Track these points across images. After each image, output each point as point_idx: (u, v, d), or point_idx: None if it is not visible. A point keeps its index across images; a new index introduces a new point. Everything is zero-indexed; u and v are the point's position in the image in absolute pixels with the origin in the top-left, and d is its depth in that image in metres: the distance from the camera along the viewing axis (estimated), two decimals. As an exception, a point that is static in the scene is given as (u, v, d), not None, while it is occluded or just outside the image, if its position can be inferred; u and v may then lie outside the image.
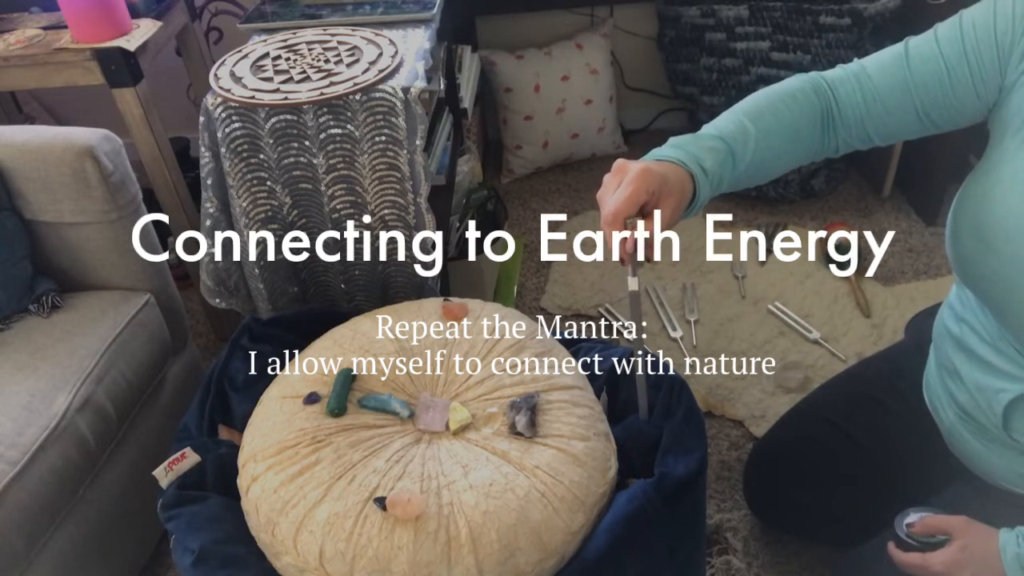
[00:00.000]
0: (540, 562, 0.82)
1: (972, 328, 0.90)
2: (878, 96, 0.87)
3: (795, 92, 0.90)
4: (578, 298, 1.88)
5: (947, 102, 0.84)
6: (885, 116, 0.87)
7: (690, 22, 2.04)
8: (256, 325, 1.15)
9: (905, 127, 0.88)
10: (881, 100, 0.87)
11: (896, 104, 0.86)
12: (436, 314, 1.09)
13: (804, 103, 0.89)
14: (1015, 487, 0.89)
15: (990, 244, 0.80)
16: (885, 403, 1.12)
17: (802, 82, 0.91)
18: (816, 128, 0.90)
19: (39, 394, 1.11)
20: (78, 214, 1.25)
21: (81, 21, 1.42)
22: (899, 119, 0.87)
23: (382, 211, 1.26)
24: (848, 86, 0.89)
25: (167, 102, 1.95)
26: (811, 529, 1.24)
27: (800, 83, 0.91)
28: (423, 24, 1.41)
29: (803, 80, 0.92)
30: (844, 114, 0.90)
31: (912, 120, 0.86)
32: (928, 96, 0.84)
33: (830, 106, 0.90)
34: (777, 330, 1.75)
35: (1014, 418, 0.84)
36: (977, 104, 0.83)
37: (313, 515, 0.83)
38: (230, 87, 1.18)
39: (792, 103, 0.89)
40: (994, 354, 0.86)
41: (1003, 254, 0.79)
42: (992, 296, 0.83)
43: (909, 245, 1.99)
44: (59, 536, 1.10)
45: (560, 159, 2.39)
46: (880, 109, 0.87)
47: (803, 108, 0.89)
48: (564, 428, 0.92)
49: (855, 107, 0.89)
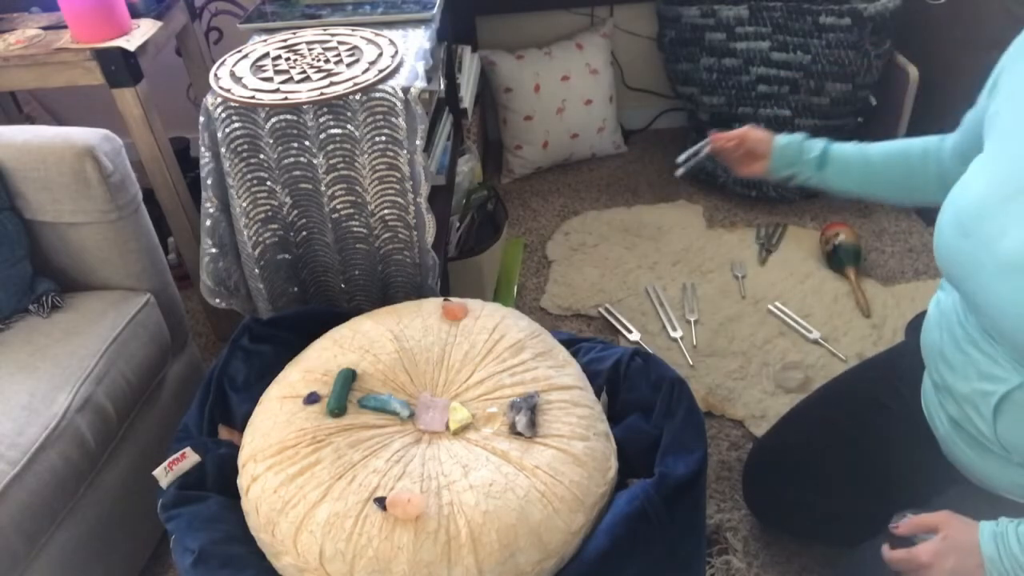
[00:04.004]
0: (540, 562, 0.82)
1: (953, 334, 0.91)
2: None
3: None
4: (578, 298, 1.88)
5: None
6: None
7: (690, 22, 2.05)
8: (256, 325, 1.15)
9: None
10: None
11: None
12: (436, 314, 1.09)
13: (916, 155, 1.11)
14: (1012, 495, 0.90)
15: (962, 227, 0.84)
16: (885, 404, 1.12)
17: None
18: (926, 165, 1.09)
19: (39, 394, 1.11)
20: (78, 214, 1.25)
21: (81, 21, 1.42)
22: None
23: (382, 211, 1.26)
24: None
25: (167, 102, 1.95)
26: (810, 530, 1.24)
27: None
28: (423, 24, 1.41)
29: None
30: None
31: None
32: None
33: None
34: (777, 330, 1.75)
35: (1002, 419, 0.85)
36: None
37: (313, 515, 0.83)
38: (230, 87, 1.18)
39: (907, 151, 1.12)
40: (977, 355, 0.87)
41: (971, 235, 0.83)
42: (965, 282, 0.86)
43: (909, 245, 1.99)
44: (59, 536, 1.10)
45: (560, 159, 2.39)
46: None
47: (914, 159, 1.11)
48: (564, 428, 0.92)
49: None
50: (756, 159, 1.21)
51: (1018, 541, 0.78)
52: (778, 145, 1.18)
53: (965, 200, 0.86)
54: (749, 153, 1.21)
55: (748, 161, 1.22)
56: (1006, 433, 0.85)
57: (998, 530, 0.81)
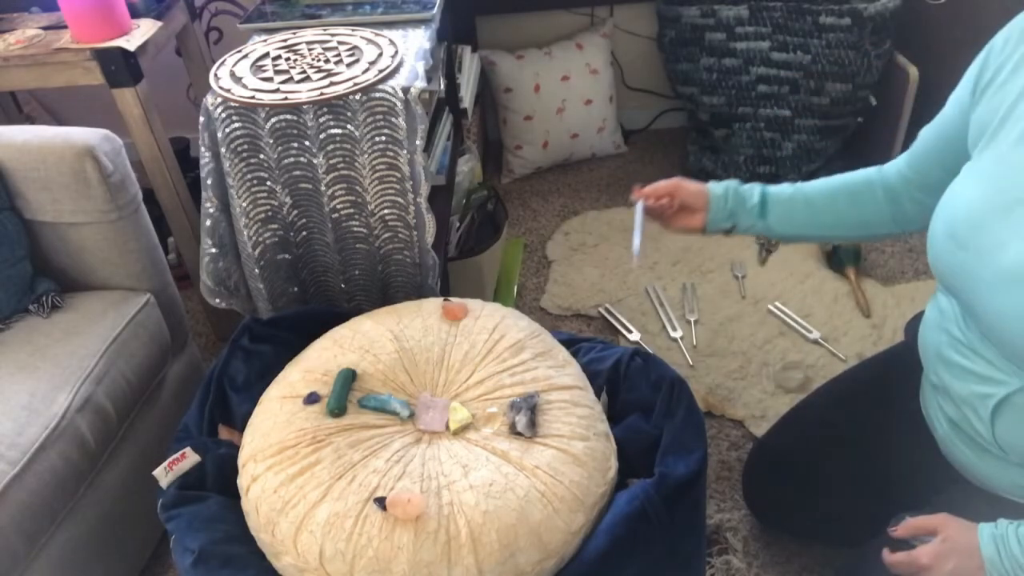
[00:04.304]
0: (540, 562, 0.82)
1: (952, 336, 0.91)
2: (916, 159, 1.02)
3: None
4: (578, 298, 1.88)
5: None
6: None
7: (690, 22, 2.04)
8: (256, 325, 1.15)
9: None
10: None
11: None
12: (436, 314, 1.09)
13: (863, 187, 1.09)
14: (1011, 495, 0.90)
15: (958, 239, 0.83)
16: (885, 404, 1.12)
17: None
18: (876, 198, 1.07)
19: (39, 394, 1.11)
20: (78, 214, 1.25)
21: (81, 21, 1.42)
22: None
23: (382, 211, 1.26)
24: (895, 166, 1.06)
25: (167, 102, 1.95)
26: (810, 529, 1.24)
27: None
28: (423, 24, 1.41)
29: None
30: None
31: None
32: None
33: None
34: (777, 330, 1.75)
35: (1000, 422, 0.85)
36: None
37: (313, 515, 0.83)
38: (230, 87, 1.18)
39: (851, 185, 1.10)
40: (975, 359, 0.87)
41: (968, 247, 0.82)
42: (963, 292, 0.85)
43: (909, 245, 1.99)
44: (59, 536, 1.10)
45: (560, 159, 2.39)
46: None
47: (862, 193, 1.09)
48: (564, 428, 0.92)
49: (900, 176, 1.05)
50: (692, 213, 1.12)
51: (1018, 542, 0.79)
52: (714, 195, 1.11)
53: (957, 209, 0.85)
54: (684, 208, 1.12)
55: (683, 216, 1.13)
56: (1004, 435, 0.85)
57: (998, 532, 0.81)
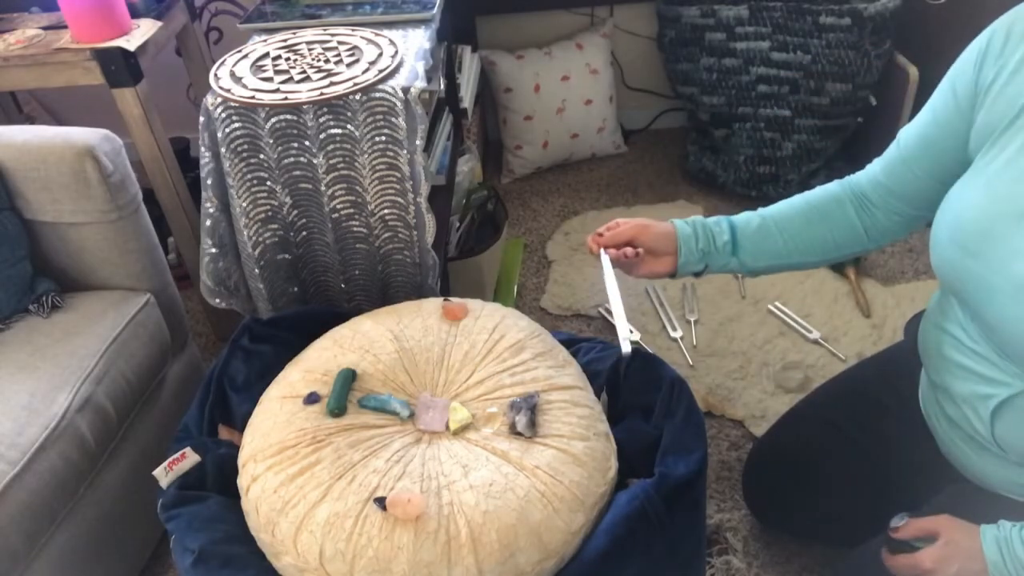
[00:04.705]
0: (540, 562, 0.82)
1: (954, 337, 0.91)
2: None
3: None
4: (578, 298, 1.88)
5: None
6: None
7: (690, 22, 2.05)
8: (256, 325, 1.15)
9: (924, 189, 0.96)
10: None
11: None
12: (436, 314, 1.09)
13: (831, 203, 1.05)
14: (1011, 494, 0.90)
15: (967, 247, 0.82)
16: (884, 404, 1.12)
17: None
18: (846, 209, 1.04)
19: (39, 394, 1.11)
20: (78, 214, 1.25)
21: (81, 21, 1.42)
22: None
23: (382, 211, 1.26)
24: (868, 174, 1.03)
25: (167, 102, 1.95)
26: (810, 529, 1.24)
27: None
28: (423, 24, 1.41)
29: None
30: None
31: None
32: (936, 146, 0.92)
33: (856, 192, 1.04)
34: (777, 330, 1.75)
35: (1000, 423, 0.85)
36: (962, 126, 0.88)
37: (313, 515, 0.83)
38: (230, 87, 1.18)
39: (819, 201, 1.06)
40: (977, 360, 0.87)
41: (979, 255, 0.81)
42: (972, 299, 0.85)
43: (909, 245, 1.99)
44: (59, 536, 1.10)
45: (560, 159, 2.39)
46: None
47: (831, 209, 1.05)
48: (564, 428, 0.92)
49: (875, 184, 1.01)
50: (657, 257, 1.07)
51: (1022, 545, 0.78)
52: (683, 234, 1.06)
53: (963, 216, 0.83)
54: (651, 252, 1.06)
55: (648, 262, 1.07)
56: (1004, 435, 0.85)
57: (1001, 535, 0.81)
